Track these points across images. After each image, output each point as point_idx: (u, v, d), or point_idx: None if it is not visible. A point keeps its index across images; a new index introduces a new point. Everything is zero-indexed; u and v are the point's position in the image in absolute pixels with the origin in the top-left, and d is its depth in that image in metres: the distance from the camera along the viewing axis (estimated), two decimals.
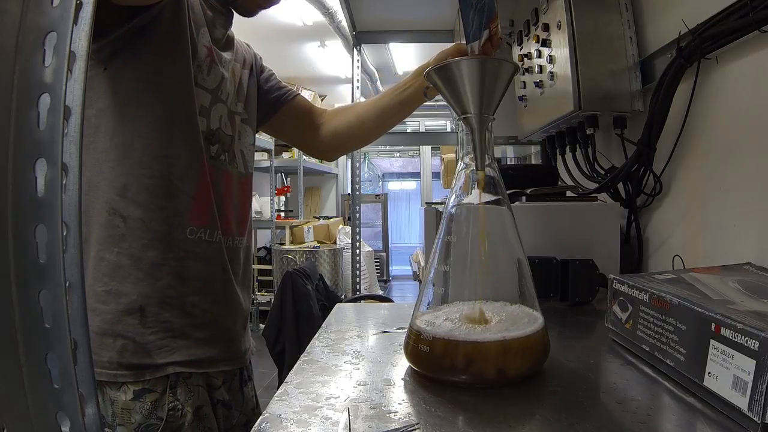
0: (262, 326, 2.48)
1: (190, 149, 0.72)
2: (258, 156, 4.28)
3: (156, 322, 0.69)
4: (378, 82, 3.84)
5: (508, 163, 2.25)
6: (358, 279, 2.69)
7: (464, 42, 0.64)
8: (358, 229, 2.59)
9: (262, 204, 4.36)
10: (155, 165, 0.69)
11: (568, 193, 1.09)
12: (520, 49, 1.33)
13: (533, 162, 2.01)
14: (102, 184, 0.68)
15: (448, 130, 5.05)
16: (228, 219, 0.78)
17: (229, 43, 0.84)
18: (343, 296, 3.95)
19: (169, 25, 0.69)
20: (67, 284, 0.26)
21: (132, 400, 0.67)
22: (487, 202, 0.58)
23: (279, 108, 0.94)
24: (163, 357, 0.69)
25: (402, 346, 0.60)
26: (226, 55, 0.80)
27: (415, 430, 0.44)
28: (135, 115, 0.69)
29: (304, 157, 4.90)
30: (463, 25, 0.63)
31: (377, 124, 0.95)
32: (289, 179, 5.84)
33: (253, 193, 0.91)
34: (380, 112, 0.93)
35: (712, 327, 0.46)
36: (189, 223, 0.72)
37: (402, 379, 0.56)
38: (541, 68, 1.20)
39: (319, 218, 5.33)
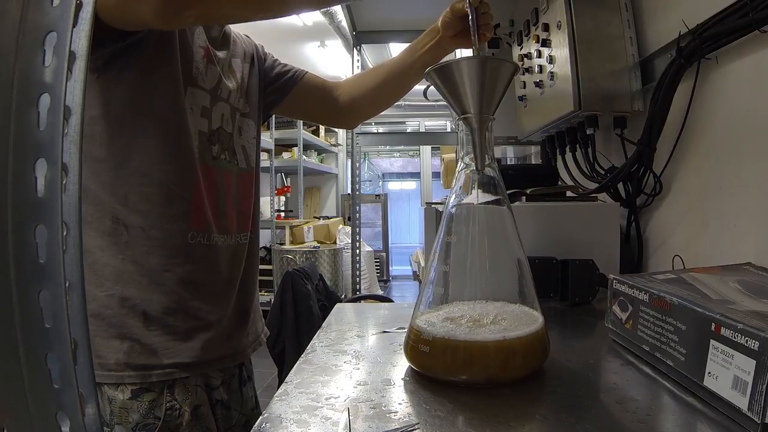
0: None
1: (186, 154, 0.72)
2: None
3: (160, 326, 0.69)
4: None
5: (508, 163, 2.25)
6: (358, 279, 2.69)
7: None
8: (358, 229, 2.59)
9: (262, 204, 4.36)
10: (153, 173, 0.69)
11: (568, 193, 1.09)
12: (520, 49, 1.32)
13: (533, 162, 2.01)
14: (101, 193, 0.68)
15: (448, 130, 5.05)
16: (229, 218, 0.78)
17: (225, 39, 0.83)
18: (343, 296, 3.95)
19: (159, 35, 0.69)
20: (67, 284, 0.26)
21: (130, 399, 0.67)
22: (487, 202, 0.58)
23: (290, 89, 0.94)
24: (171, 357, 0.69)
25: (402, 346, 0.60)
26: (221, 54, 0.80)
27: (415, 430, 0.44)
28: (130, 123, 0.69)
29: (305, 157, 4.91)
30: None
31: (399, 87, 0.94)
32: (289, 179, 5.84)
33: None
34: (401, 75, 0.91)
35: (712, 327, 0.46)
36: (190, 228, 0.72)
37: (402, 379, 0.56)
38: (541, 68, 1.20)
39: (319, 218, 5.33)
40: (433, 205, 1.13)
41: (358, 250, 2.61)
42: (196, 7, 0.58)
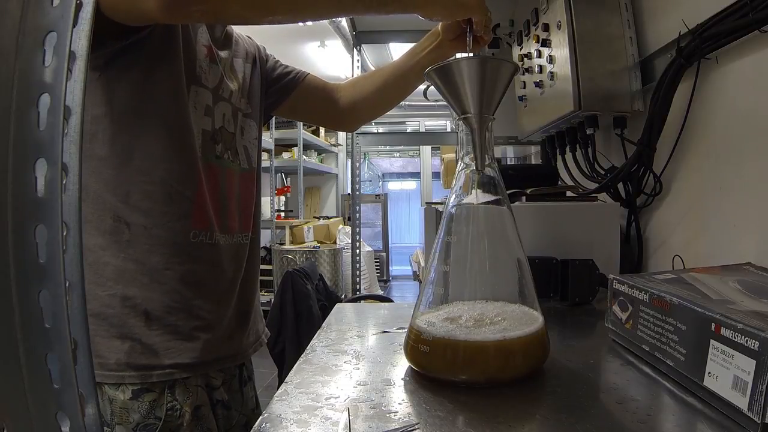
0: None
1: (188, 153, 0.72)
2: None
3: (161, 326, 0.69)
4: None
5: (508, 163, 2.25)
6: (358, 279, 2.69)
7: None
8: (358, 229, 2.59)
9: (262, 204, 4.36)
10: (155, 171, 0.69)
11: (568, 193, 1.09)
12: (520, 49, 1.32)
13: (533, 162, 2.01)
14: (102, 191, 0.68)
15: (448, 130, 5.05)
16: (231, 218, 0.78)
17: (227, 39, 0.83)
18: (343, 296, 3.95)
19: (162, 34, 0.69)
20: (67, 284, 0.26)
21: (131, 399, 0.67)
22: (487, 202, 0.58)
23: (292, 90, 0.94)
24: (171, 357, 0.69)
25: (402, 346, 0.60)
26: (223, 53, 0.80)
27: (415, 430, 0.44)
28: (132, 122, 0.69)
29: (305, 157, 4.91)
30: None
31: (400, 90, 0.94)
32: (289, 179, 5.84)
33: None
34: (401, 78, 0.91)
35: (712, 327, 0.46)
36: (192, 227, 0.72)
37: (402, 379, 0.56)
38: (541, 68, 1.20)
39: (319, 218, 5.33)
40: (433, 205, 1.13)
41: (358, 250, 2.61)
42: (204, 3, 0.58)
